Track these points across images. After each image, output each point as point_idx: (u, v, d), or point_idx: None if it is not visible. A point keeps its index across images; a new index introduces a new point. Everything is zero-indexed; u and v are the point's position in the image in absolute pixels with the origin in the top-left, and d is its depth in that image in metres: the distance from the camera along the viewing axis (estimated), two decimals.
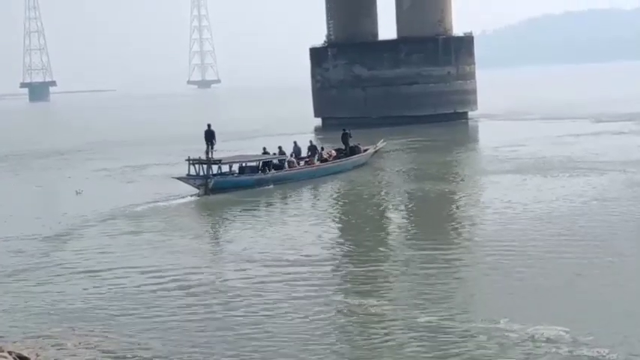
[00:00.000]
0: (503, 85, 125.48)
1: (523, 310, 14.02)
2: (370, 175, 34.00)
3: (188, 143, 52.42)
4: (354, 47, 65.20)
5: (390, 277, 17.36)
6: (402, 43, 63.60)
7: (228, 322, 14.33)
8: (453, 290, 15.81)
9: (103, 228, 24.07)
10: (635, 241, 19.04)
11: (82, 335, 13.71)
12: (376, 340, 12.95)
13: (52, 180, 38.97)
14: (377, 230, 23.36)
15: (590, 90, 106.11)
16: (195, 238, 22.80)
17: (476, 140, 51.43)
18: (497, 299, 14.94)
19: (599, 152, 36.31)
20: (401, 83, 61.71)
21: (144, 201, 28.51)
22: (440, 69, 62.16)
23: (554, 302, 14.48)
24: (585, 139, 42.83)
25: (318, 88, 67.53)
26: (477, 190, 28.45)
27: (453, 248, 19.72)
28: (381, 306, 14.70)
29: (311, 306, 14.96)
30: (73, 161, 45.95)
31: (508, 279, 16.12)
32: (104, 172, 38.94)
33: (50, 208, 29.52)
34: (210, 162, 30.93)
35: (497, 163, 34.67)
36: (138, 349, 13.02)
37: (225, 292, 16.43)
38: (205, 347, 12.99)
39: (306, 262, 18.89)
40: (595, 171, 30.36)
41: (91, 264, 19.50)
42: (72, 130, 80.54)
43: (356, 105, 61.24)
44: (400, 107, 58.76)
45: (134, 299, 16.13)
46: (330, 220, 25.18)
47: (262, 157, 32.69)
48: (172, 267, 18.92)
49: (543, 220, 21.72)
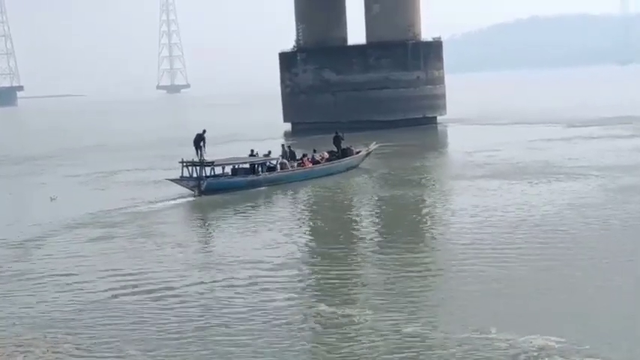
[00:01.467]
0: (472, 90, 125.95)
1: (497, 314, 14.04)
2: (361, 177, 34.10)
3: (159, 149, 52.91)
4: (323, 52, 65.26)
5: (371, 282, 17.13)
6: (371, 48, 63.83)
7: (200, 327, 14.22)
8: (429, 296, 15.81)
9: (75, 234, 23.82)
10: (609, 243, 19.14)
11: (51, 342, 13.64)
12: (348, 345, 12.86)
13: (25, 186, 38.26)
14: (360, 235, 23.35)
15: (559, 95, 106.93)
16: (179, 241, 22.56)
17: (447, 145, 51.57)
18: (470, 303, 14.80)
19: (571, 157, 36.37)
20: (370, 88, 61.91)
21: (125, 205, 28.59)
22: (409, 74, 62.40)
23: (531, 306, 14.47)
24: (556, 144, 42.92)
25: (287, 93, 67.57)
26: (454, 195, 28.24)
27: (432, 253, 19.79)
28: (355, 312, 14.58)
29: (284, 311, 14.96)
30: (45, 167, 45.27)
31: (484, 284, 16.07)
32: (77, 178, 38.44)
33: (24, 214, 28.91)
34: (203, 164, 31.15)
35: (472, 168, 34.58)
36: (108, 356, 12.99)
37: (201, 296, 16.35)
38: (178, 353, 12.91)
39: (286, 265, 18.93)
40: (569, 176, 30.37)
41: (63, 271, 19.26)
42: (42, 135, 79.85)
43: (325, 110, 61.26)
44: (370, 112, 58.92)
45: (106, 306, 15.98)
46: (315, 224, 25.33)
47: (255, 159, 32.98)
48: (148, 272, 18.82)
49: (519, 225, 21.71)
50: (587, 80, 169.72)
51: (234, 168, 32.30)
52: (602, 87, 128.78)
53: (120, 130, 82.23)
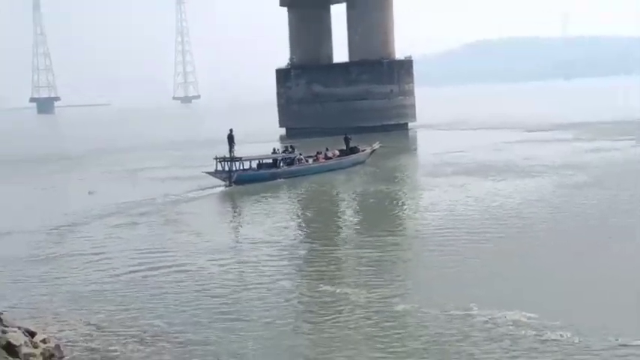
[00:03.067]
0: (438, 101, 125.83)
1: (470, 291, 13.86)
2: (363, 172, 34.25)
3: (182, 149, 52.53)
4: (312, 69, 65.68)
5: (363, 262, 16.64)
6: (353, 65, 64.04)
7: (217, 300, 14.10)
8: (415, 276, 15.63)
9: (108, 221, 23.54)
10: (564, 229, 19.15)
11: (84, 313, 13.53)
12: (340, 321, 12.63)
13: (65, 182, 37.65)
14: (356, 220, 23.40)
15: (514, 105, 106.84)
16: (213, 223, 23.01)
17: (419, 147, 51.33)
18: (446, 284, 14.47)
19: (528, 157, 36.05)
20: (352, 99, 62.21)
21: (164, 194, 28.91)
22: (384, 87, 62.72)
23: (498, 285, 14.19)
24: (514, 146, 42.61)
25: (282, 103, 67.90)
26: (432, 189, 27.59)
27: (420, 238, 19.13)
28: (348, 290, 14.32)
29: (287, 285, 14.94)
30: (82, 165, 44.54)
31: (458, 264, 15.82)
32: (112, 174, 38.01)
33: (65, 205, 28.02)
34: (232, 159, 31.85)
35: (443, 166, 34.15)
36: (135, 324, 12.84)
37: (221, 273, 16.16)
38: (199, 326, 12.68)
39: (293, 245, 19.10)
40: (527, 173, 30.08)
41: (100, 251, 19.01)
42: (78, 138, 78.85)
43: (314, 117, 61.66)
44: (351, 119, 59.01)
45: (135, 281, 15.76)
46: (321, 210, 25.50)
47: (276, 156, 33.96)
48: (180, 250, 18.61)
49: (486, 214, 21.44)
50: (538, 92, 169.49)
51: (259, 163, 33.24)
52: (550, 98, 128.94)
53: (146, 133, 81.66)
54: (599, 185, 26.26)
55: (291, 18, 69.16)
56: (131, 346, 11.67)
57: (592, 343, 10.90)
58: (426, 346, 11.20)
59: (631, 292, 13.42)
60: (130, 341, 11.93)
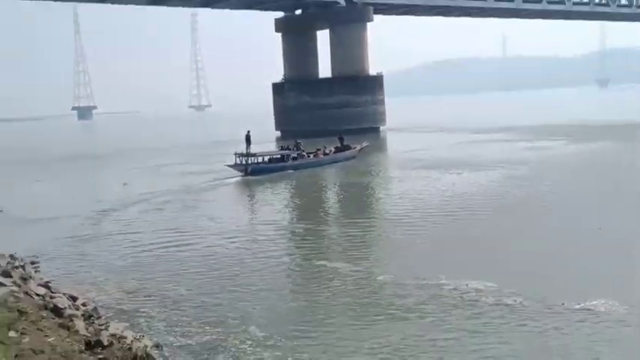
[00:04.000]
0: (405, 109, 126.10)
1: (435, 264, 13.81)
2: (356, 164, 34.45)
3: (200, 149, 52.32)
4: (302, 83, 65.54)
5: (348, 240, 16.49)
6: (335, 80, 64.02)
7: (227, 271, 13.90)
8: (384, 251, 15.47)
9: (140, 207, 23.28)
10: (515, 210, 19.14)
11: (118, 282, 13.42)
12: (328, 290, 12.46)
13: (104, 175, 37.07)
14: (345, 205, 23.32)
15: (466, 112, 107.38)
16: (230, 205, 23.48)
17: (390, 146, 51.10)
18: (416, 259, 14.19)
19: (480, 154, 35.71)
20: (335, 107, 62.06)
21: (191, 184, 29.06)
22: (361, 97, 62.61)
23: (464, 258, 14.10)
24: (469, 145, 42.32)
25: (278, 110, 67.85)
26: (404, 180, 27.20)
27: (395, 221, 18.67)
28: (336, 264, 14.24)
29: (283, 259, 14.84)
30: (118, 162, 43.66)
31: (428, 242, 15.62)
32: (142, 169, 37.39)
33: (104, 194, 27.43)
34: (248, 155, 32.32)
35: (411, 162, 33.94)
36: (157, 291, 12.71)
37: (232, 249, 15.91)
38: (212, 293, 12.48)
39: (293, 225, 19.16)
40: (480, 167, 29.76)
41: (132, 231, 18.88)
42: (115, 141, 77.90)
43: (304, 122, 61.48)
44: (334, 124, 58.75)
45: (162, 256, 15.59)
46: (319, 195, 25.88)
47: (284, 152, 34.29)
48: (199, 231, 18.34)
49: (450, 200, 21.27)
50: (482, 102, 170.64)
51: (270, 158, 33.49)
52: (493, 107, 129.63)
53: (169, 136, 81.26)
54: (537, 175, 26.38)
55: (285, 41, 69.15)
56: (157, 309, 11.60)
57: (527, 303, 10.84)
58: (401, 309, 11.11)
59: (561, 258, 13.44)
60: (155, 304, 11.86)
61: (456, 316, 10.52)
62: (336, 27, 63.66)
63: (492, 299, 11.12)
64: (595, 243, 14.68)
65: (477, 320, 10.30)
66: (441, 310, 10.82)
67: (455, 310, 10.78)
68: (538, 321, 10.11)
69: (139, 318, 11.14)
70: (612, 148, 36.83)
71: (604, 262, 13.13)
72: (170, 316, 11.17)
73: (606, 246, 14.30)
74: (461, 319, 10.39)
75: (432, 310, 10.86)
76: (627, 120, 59.52)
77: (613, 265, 12.86)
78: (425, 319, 10.51)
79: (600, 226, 15.93)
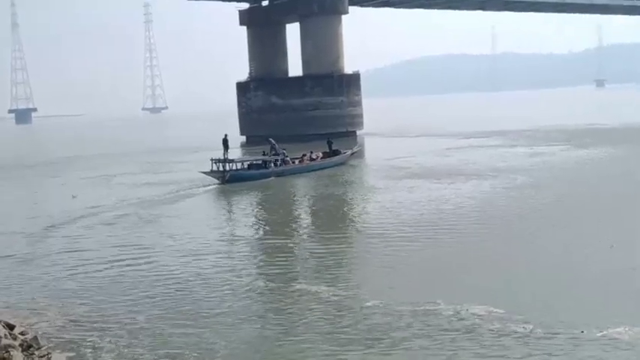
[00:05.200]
0: (385, 111, 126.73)
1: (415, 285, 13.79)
2: (344, 171, 34.77)
3: (155, 155, 51.73)
4: (270, 82, 65.57)
5: (334, 258, 16.36)
6: (306, 78, 63.98)
7: (188, 294, 13.77)
8: (362, 270, 15.38)
9: (89, 222, 22.84)
10: (509, 224, 19.20)
11: (62, 307, 13.16)
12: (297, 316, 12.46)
13: (47, 186, 36.27)
14: (325, 218, 22.99)
15: (450, 114, 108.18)
16: (188, 223, 22.12)
17: (369, 152, 50.66)
18: (390, 277, 14.28)
19: (468, 161, 35.97)
20: (306, 109, 62.22)
21: (157, 193, 28.86)
22: (335, 98, 62.78)
23: (441, 276, 14.17)
24: (454, 152, 42.44)
25: (243, 112, 67.64)
26: (385, 192, 26.90)
27: (376, 235, 18.56)
28: (318, 286, 13.95)
29: (249, 275, 14.74)
30: (61, 171, 42.76)
31: (414, 258, 15.60)
32: (91, 179, 36.57)
33: (51, 208, 26.75)
34: (226, 161, 32.40)
35: (395, 170, 33.82)
36: (107, 318, 12.49)
37: (194, 268, 15.73)
38: (169, 320, 12.30)
39: (266, 241, 19.16)
40: (469, 176, 29.75)
41: (80, 248, 18.57)
42: (55, 146, 76.54)
43: (272, 126, 61.01)
44: (305, 127, 59.09)
45: (113, 277, 15.34)
46: (300, 206, 26.00)
47: (265, 158, 34.41)
48: (156, 248, 18.07)
49: (437, 213, 21.22)
50: (469, 103, 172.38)
51: (250, 164, 33.66)
52: (479, 108, 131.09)
53: (119, 140, 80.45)
54: (536, 185, 26.53)
55: (250, 36, 69.15)
56: (106, 338, 11.38)
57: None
58: (385, 337, 11.04)
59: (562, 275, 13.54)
60: (104, 333, 11.62)
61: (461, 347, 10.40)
62: (307, 20, 63.86)
63: (498, 325, 10.95)
64: (608, 263, 14.56)
65: (486, 350, 10.13)
66: (439, 341, 10.68)
67: (458, 341, 10.66)
68: (558, 352, 9.96)
69: (85, 349, 10.94)
70: (611, 154, 37.42)
71: (619, 283, 13.11)
72: (121, 347, 10.97)
73: (620, 266, 14.19)
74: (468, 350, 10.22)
75: (428, 343, 10.68)
76: (626, 123, 60.64)
77: (629, 287, 12.85)
78: (420, 351, 10.37)
79: (612, 244, 15.88)
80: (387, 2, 73.69)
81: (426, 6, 78.36)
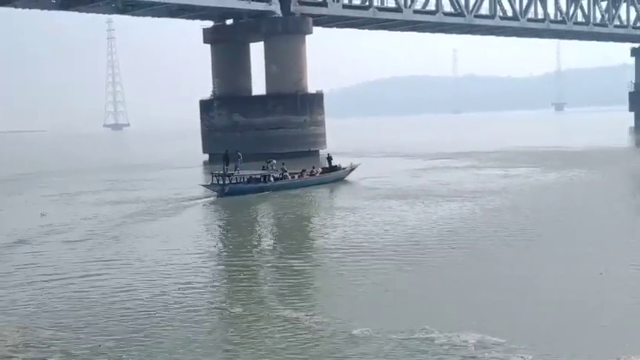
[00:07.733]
0: (348, 131, 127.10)
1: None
2: (342, 187, 35.59)
3: (114, 173, 50.87)
4: (233, 100, 65.55)
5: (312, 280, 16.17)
6: (270, 97, 64.04)
7: (149, 317, 13.15)
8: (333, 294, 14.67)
9: (53, 241, 22.04)
10: (482, 245, 19.09)
11: (20, 329, 12.49)
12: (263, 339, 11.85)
13: (12, 204, 34.51)
14: (308, 238, 22.71)
15: (413, 135, 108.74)
16: (151, 242, 21.46)
17: None
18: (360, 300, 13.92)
19: (437, 182, 35.69)
20: (269, 128, 62.26)
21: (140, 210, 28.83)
22: (298, 117, 62.97)
23: (411, 300, 13.87)
24: (422, 173, 42.20)
25: (206, 131, 67.41)
26: (363, 211, 26.41)
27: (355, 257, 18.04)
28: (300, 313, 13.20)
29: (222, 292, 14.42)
30: (23, 189, 41.40)
31: (380, 285, 15.01)
32: (55, 197, 35.62)
33: (18, 226, 25.54)
34: (226, 175, 33.34)
35: (364, 190, 33.62)
36: (67, 342, 11.83)
37: (157, 288, 15.20)
38: (130, 343, 11.70)
39: (265, 250, 19.45)
40: (443, 197, 29.48)
41: (40, 267, 17.95)
42: (12, 162, 74.99)
43: (235, 144, 59.84)
44: (268, 146, 58.74)
45: (82, 300, 14.56)
46: (295, 221, 25.82)
47: (264, 172, 35.11)
48: (132, 269, 17.43)
49: (412, 235, 20.89)
50: (432, 124, 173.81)
51: (249, 178, 33.94)
52: (443, 130, 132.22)
53: (79, 157, 79.38)
54: (512, 206, 26.47)
55: (214, 54, 69.03)
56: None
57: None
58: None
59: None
60: (65, 356, 11.15)
61: None
62: (271, 39, 64.01)
63: (493, 355, 10.49)
64: (600, 291, 14.08)
65: None
66: None
67: None
68: None
69: None
70: (574, 176, 37.96)
71: (613, 311, 12.70)
72: None
73: (612, 294, 13.78)
74: None
75: None
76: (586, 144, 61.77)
77: (624, 316, 12.46)
78: None
79: (601, 271, 15.54)
80: (350, 23, 74.21)
81: (389, 27, 79.19)
